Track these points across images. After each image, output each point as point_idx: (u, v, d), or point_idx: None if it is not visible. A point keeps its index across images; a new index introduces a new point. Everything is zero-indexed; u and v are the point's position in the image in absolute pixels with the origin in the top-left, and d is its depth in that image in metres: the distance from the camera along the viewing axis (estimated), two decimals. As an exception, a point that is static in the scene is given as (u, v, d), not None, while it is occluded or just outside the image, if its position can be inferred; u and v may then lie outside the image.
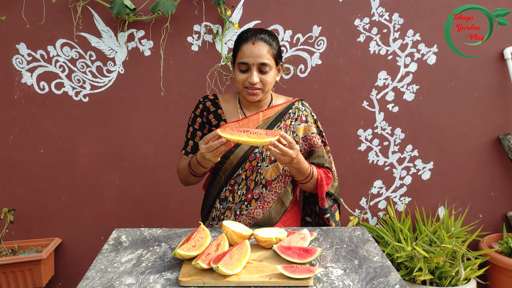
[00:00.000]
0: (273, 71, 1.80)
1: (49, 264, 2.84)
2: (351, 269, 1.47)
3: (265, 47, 1.76)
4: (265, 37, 1.77)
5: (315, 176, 1.87)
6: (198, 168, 1.81)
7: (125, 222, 2.96)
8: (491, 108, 2.95)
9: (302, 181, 1.87)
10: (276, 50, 1.80)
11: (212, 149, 1.62)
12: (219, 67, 2.82)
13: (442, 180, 3.03)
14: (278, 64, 1.85)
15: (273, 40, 1.80)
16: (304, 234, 1.63)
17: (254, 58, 1.75)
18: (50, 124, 2.86)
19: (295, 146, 1.66)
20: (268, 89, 1.81)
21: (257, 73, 1.77)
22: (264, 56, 1.75)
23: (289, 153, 1.64)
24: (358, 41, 2.86)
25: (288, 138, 1.64)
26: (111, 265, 1.51)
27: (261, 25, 2.80)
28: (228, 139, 1.61)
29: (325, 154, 1.93)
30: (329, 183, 1.91)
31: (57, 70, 2.80)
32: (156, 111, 2.88)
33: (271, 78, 1.79)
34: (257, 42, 1.76)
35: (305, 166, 1.81)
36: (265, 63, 1.75)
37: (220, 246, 1.51)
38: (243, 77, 1.78)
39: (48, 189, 2.93)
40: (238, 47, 1.80)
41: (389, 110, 2.94)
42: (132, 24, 2.76)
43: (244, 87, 1.79)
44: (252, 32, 1.78)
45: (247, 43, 1.76)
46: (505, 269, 2.69)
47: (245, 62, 1.76)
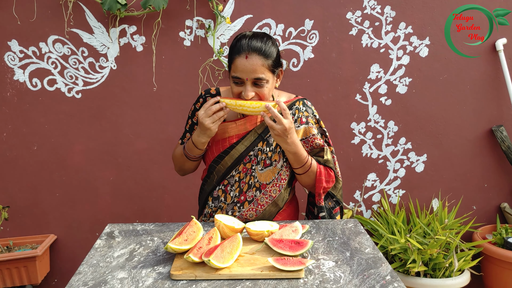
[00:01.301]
0: (269, 83, 1.70)
1: (44, 261, 2.84)
2: (342, 260, 1.48)
3: (259, 60, 1.64)
4: (260, 47, 1.65)
5: (313, 168, 1.81)
6: (193, 150, 1.80)
7: (119, 218, 2.96)
8: (484, 100, 2.96)
9: (299, 171, 1.81)
10: (272, 60, 1.68)
11: (211, 113, 1.64)
12: (212, 62, 2.82)
13: (435, 172, 3.05)
14: (276, 72, 1.74)
15: (269, 48, 1.67)
16: (296, 227, 1.64)
17: (247, 73, 1.65)
18: (43, 121, 2.85)
19: (289, 116, 1.64)
20: (266, 99, 1.73)
21: (252, 87, 1.67)
22: (258, 71, 1.64)
23: (282, 121, 1.62)
24: (351, 34, 2.86)
25: (282, 105, 1.64)
26: (104, 259, 1.51)
27: (253, 20, 2.80)
28: (226, 103, 1.67)
29: (328, 154, 1.87)
30: (329, 181, 1.86)
31: (49, 66, 2.79)
32: (149, 106, 2.88)
33: (267, 90, 1.70)
34: (250, 55, 1.64)
35: (303, 153, 1.76)
36: (260, 78, 1.65)
37: (212, 240, 1.52)
38: (238, 90, 1.70)
39: (42, 186, 2.92)
40: (231, 59, 1.70)
41: (382, 103, 2.95)
42: (123, 20, 2.75)
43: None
44: (245, 42, 1.66)
45: (240, 57, 1.65)
46: (498, 260, 2.71)
47: (239, 77, 1.66)
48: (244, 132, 1.82)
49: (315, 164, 1.83)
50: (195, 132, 1.76)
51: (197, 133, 1.73)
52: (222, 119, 1.69)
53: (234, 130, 1.83)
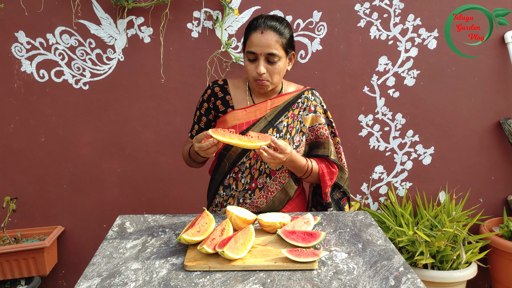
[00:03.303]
0: (282, 61, 1.75)
1: (52, 252, 2.85)
2: (355, 252, 1.48)
3: (274, 36, 1.70)
4: (275, 25, 1.71)
5: (315, 171, 1.87)
6: (197, 158, 1.85)
7: (127, 209, 2.96)
8: (492, 92, 2.95)
9: (302, 177, 1.90)
10: (286, 39, 1.74)
11: (204, 149, 1.66)
12: (219, 54, 2.81)
13: (443, 165, 3.04)
14: (289, 54, 1.79)
15: (284, 28, 1.74)
16: (308, 219, 1.64)
17: (261, 47, 1.70)
18: (51, 112, 2.85)
19: (286, 150, 1.67)
20: (277, 79, 1.78)
21: (265, 63, 1.72)
22: (272, 46, 1.70)
23: (279, 157, 1.66)
24: (359, 26, 2.85)
25: (278, 144, 1.65)
26: (117, 251, 1.52)
27: (261, 11, 2.78)
28: (219, 140, 1.62)
29: (331, 146, 1.91)
30: (332, 178, 1.91)
31: (56, 58, 2.78)
32: (157, 98, 2.87)
33: (279, 68, 1.75)
34: (266, 31, 1.70)
35: (301, 164, 1.82)
36: (273, 53, 1.71)
37: (224, 231, 1.52)
38: (252, 66, 1.75)
39: (50, 178, 2.93)
40: (247, 35, 1.76)
41: (390, 95, 2.94)
42: (131, 11, 2.74)
43: (254, 79, 1.77)
44: (262, 20, 1.73)
45: (256, 32, 1.71)
46: (506, 252, 2.71)
47: (253, 51, 1.72)
48: (254, 119, 1.84)
49: (316, 165, 1.88)
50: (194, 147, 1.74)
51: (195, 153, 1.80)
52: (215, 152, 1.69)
53: (244, 118, 1.84)
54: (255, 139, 1.66)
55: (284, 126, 1.84)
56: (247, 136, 1.66)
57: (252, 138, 1.65)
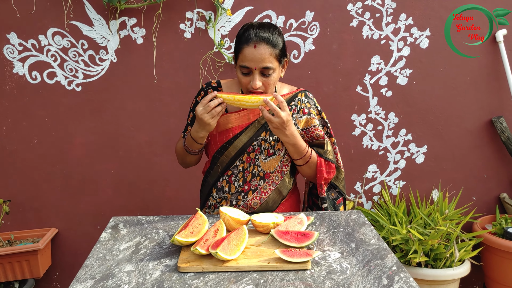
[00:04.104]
0: (276, 72, 1.73)
1: (46, 254, 2.84)
2: (348, 252, 1.49)
3: (268, 49, 1.67)
4: (268, 37, 1.67)
5: (313, 159, 1.84)
6: (193, 145, 1.81)
7: (121, 211, 2.96)
8: (484, 91, 2.96)
9: (300, 162, 1.84)
10: (279, 50, 1.70)
11: (209, 109, 1.65)
12: (212, 54, 2.81)
13: (436, 163, 3.05)
14: (282, 62, 1.77)
15: (277, 38, 1.70)
16: (301, 219, 1.64)
17: (255, 62, 1.67)
18: (43, 114, 2.84)
19: (286, 108, 1.66)
20: (271, 89, 1.77)
21: (260, 77, 1.70)
22: (266, 60, 1.67)
23: (280, 114, 1.64)
24: (351, 25, 2.85)
25: (279, 98, 1.66)
26: (110, 253, 1.52)
27: (254, 11, 2.78)
28: (224, 98, 1.67)
29: (328, 145, 1.89)
30: (330, 171, 1.88)
31: (49, 59, 2.77)
32: (150, 99, 2.87)
33: (274, 79, 1.73)
34: (259, 44, 1.66)
35: (302, 144, 1.79)
36: (268, 67, 1.68)
37: (218, 232, 1.52)
38: (246, 80, 1.72)
39: (43, 180, 2.91)
40: (239, 48, 1.71)
41: (383, 94, 2.95)
42: (123, 12, 2.73)
43: (248, 90, 1.75)
44: (254, 32, 1.68)
45: (248, 46, 1.67)
46: (498, 250, 2.73)
47: (247, 66, 1.68)
48: (247, 122, 1.83)
49: (315, 155, 1.86)
50: (193, 127, 1.76)
51: (196, 128, 1.75)
52: (221, 114, 1.70)
53: (237, 121, 1.83)
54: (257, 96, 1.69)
55: None
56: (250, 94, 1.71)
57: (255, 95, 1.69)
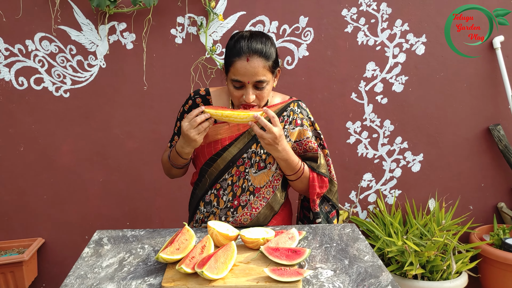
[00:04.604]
0: (270, 83, 1.66)
1: (31, 265, 2.76)
2: (341, 269, 1.42)
3: (261, 62, 1.59)
4: (261, 49, 1.59)
5: (306, 174, 1.78)
6: (178, 159, 1.74)
7: (109, 220, 2.89)
8: (481, 98, 2.92)
9: (292, 177, 1.78)
10: (272, 61, 1.63)
11: (196, 125, 1.56)
12: (204, 60, 2.75)
13: (432, 172, 3.00)
14: (275, 72, 1.70)
15: (270, 49, 1.62)
16: (293, 234, 1.58)
17: (248, 76, 1.59)
18: (30, 120, 2.77)
19: (278, 123, 1.57)
20: (264, 102, 1.70)
21: (253, 90, 1.62)
22: (260, 74, 1.59)
23: (272, 129, 1.55)
24: (346, 31, 2.80)
25: (270, 113, 1.57)
26: (92, 270, 1.45)
27: (246, 17, 2.72)
28: (211, 113, 1.57)
29: (321, 159, 1.83)
30: (322, 186, 1.82)
31: (36, 65, 2.71)
32: (140, 106, 2.80)
33: (267, 91, 1.66)
34: (251, 57, 1.58)
35: (294, 159, 1.72)
36: (262, 80, 1.61)
37: (205, 249, 1.46)
38: (238, 93, 1.64)
39: (30, 188, 2.85)
40: (230, 61, 1.62)
41: (378, 101, 2.90)
42: (113, 17, 2.67)
43: (240, 103, 1.67)
44: (245, 43, 1.60)
45: (240, 59, 1.59)
46: (496, 261, 2.67)
47: (239, 80, 1.61)
48: (237, 133, 1.76)
49: (308, 169, 1.79)
50: (179, 141, 1.67)
51: (181, 143, 1.66)
52: (207, 130, 1.61)
53: (226, 132, 1.76)
54: (247, 110, 1.60)
55: None
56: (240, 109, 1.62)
57: (245, 110, 1.60)
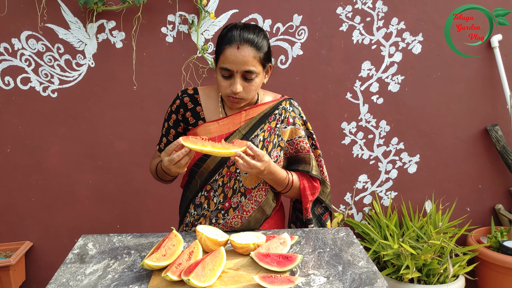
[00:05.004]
0: (259, 77, 1.61)
1: (19, 270, 2.70)
2: (334, 276, 1.36)
3: (252, 51, 1.55)
4: (253, 39, 1.56)
5: (296, 186, 1.73)
6: (165, 176, 1.72)
7: (99, 223, 2.84)
8: (479, 98, 2.88)
9: (282, 191, 1.76)
10: (264, 53, 1.59)
11: (174, 162, 1.50)
12: (195, 59, 2.69)
13: (428, 173, 2.96)
14: (266, 67, 1.65)
15: (262, 41, 1.59)
16: (284, 239, 1.52)
17: (237, 65, 1.55)
18: (17, 121, 2.71)
19: (263, 158, 1.53)
20: (252, 96, 1.65)
21: (241, 81, 1.58)
22: (249, 63, 1.55)
23: (256, 166, 1.52)
24: (341, 30, 2.75)
25: (255, 150, 1.52)
26: (74, 277, 1.38)
27: (239, 14, 2.67)
28: (191, 148, 1.49)
29: (313, 160, 1.78)
30: (314, 193, 1.77)
31: (22, 64, 2.65)
32: (130, 106, 2.75)
33: (256, 85, 1.61)
34: (242, 46, 1.55)
35: (281, 177, 1.68)
36: (251, 71, 1.56)
37: (193, 255, 1.40)
38: (226, 83, 1.60)
39: (17, 190, 2.79)
40: (221, 49, 1.59)
41: (374, 102, 2.85)
42: (102, 15, 2.61)
43: (226, 95, 1.63)
44: (237, 32, 1.56)
45: (231, 47, 1.55)
46: (494, 264, 2.62)
47: (228, 68, 1.56)
48: (227, 132, 1.71)
49: (297, 179, 1.75)
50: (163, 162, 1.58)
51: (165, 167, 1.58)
52: (188, 164, 1.55)
53: (216, 131, 1.71)
54: (229, 145, 1.52)
55: (260, 140, 1.71)
56: (221, 143, 1.53)
57: (227, 145, 1.52)
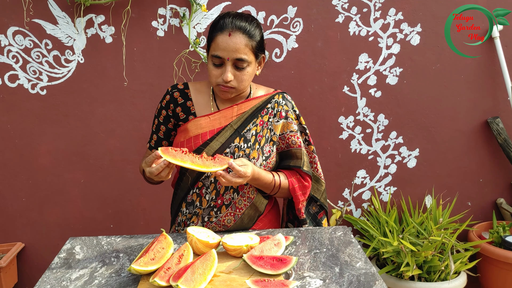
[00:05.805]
0: (251, 66, 1.58)
1: (10, 272, 2.64)
2: (331, 278, 1.31)
3: (243, 39, 1.53)
4: (245, 27, 1.54)
5: (284, 186, 1.70)
6: (153, 180, 1.68)
7: (91, 222, 2.78)
8: (479, 90, 2.82)
9: (270, 194, 1.73)
10: (256, 42, 1.57)
11: (155, 174, 1.49)
12: (187, 53, 2.62)
13: (428, 167, 2.90)
14: (259, 57, 1.63)
15: (254, 30, 1.57)
16: (279, 240, 1.46)
17: (229, 52, 1.52)
18: (6, 120, 2.65)
19: (246, 174, 1.52)
20: (244, 86, 1.61)
21: (232, 69, 1.55)
22: (241, 51, 1.53)
23: (238, 182, 1.52)
24: (337, 21, 2.69)
25: (237, 170, 1.49)
26: (59, 283, 1.32)
27: (231, 7, 2.60)
28: (169, 161, 1.46)
29: (304, 156, 1.73)
30: (305, 193, 1.73)
31: (10, 61, 2.58)
32: (121, 102, 2.68)
33: (248, 74, 1.58)
34: (234, 33, 1.53)
35: (267, 181, 1.65)
36: (242, 59, 1.54)
37: (183, 258, 1.34)
38: (217, 72, 1.57)
39: (7, 191, 2.73)
40: (212, 36, 1.57)
41: (372, 95, 2.79)
42: (90, 9, 2.54)
43: (217, 84, 1.59)
44: (229, 20, 1.54)
45: (222, 34, 1.53)
46: (496, 260, 2.57)
47: (219, 56, 1.54)
48: (219, 127, 1.66)
49: (285, 180, 1.71)
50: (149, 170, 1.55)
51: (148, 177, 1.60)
52: (170, 174, 1.53)
53: (208, 126, 1.66)
54: (210, 162, 1.49)
55: (252, 134, 1.65)
56: (202, 158, 1.49)
57: (208, 162, 1.49)
